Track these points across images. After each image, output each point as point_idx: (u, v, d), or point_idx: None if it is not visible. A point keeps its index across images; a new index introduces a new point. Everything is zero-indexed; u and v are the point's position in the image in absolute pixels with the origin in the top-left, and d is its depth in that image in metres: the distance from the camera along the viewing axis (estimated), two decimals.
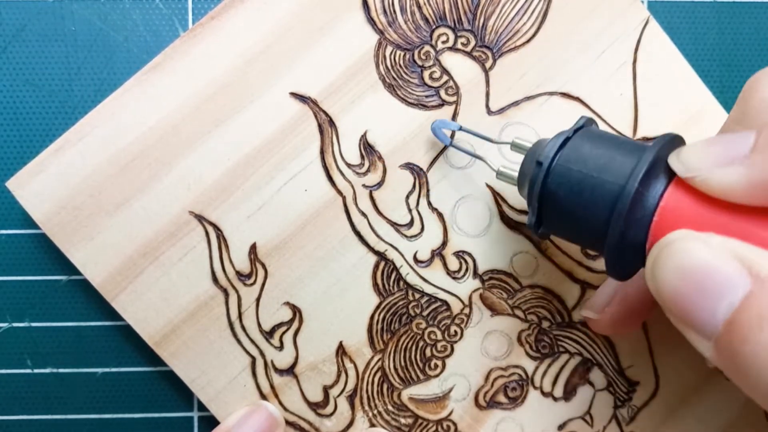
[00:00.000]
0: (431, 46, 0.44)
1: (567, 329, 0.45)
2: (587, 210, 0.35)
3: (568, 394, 0.46)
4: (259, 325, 0.44)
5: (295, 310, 0.44)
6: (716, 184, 0.31)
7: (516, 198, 0.45)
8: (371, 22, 0.44)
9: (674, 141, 0.35)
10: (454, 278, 0.45)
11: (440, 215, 0.44)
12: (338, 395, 0.45)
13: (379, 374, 0.45)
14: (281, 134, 0.43)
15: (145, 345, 0.43)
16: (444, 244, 0.45)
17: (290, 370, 0.44)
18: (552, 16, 0.45)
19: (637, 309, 0.42)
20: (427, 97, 0.44)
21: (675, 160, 0.33)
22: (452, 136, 0.44)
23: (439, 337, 0.45)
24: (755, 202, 0.30)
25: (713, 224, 0.31)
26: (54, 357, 0.47)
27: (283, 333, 0.44)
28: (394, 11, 0.44)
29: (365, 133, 0.44)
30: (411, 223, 0.44)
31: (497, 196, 0.45)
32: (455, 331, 0.45)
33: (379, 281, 0.44)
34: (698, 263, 0.29)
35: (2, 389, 0.47)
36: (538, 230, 0.38)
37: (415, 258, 0.44)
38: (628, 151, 0.35)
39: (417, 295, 0.44)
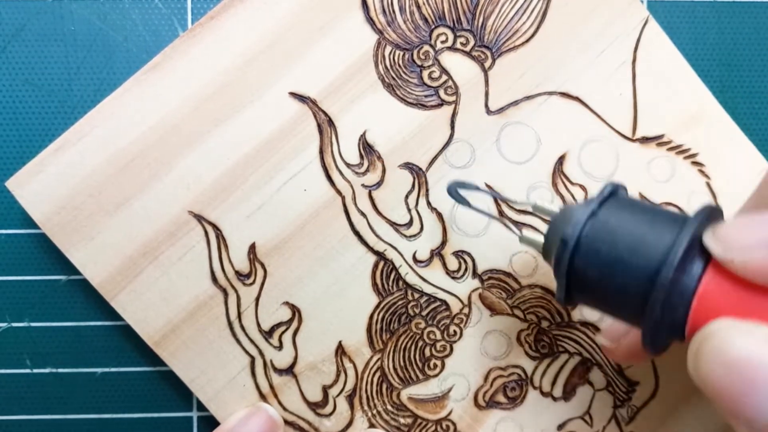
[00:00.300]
0: (430, 45, 0.44)
1: (566, 329, 0.45)
2: (619, 293, 0.33)
3: (568, 393, 0.46)
4: (259, 324, 0.44)
5: (295, 310, 0.44)
6: (757, 268, 0.29)
7: (515, 197, 0.45)
8: (370, 21, 0.44)
9: (711, 215, 0.33)
10: (453, 278, 0.45)
11: (439, 215, 0.44)
12: (337, 395, 0.45)
13: (378, 374, 0.45)
14: (280, 134, 0.43)
15: (145, 345, 0.43)
16: (443, 243, 0.45)
17: (289, 370, 0.44)
18: (551, 16, 0.45)
19: None
20: (426, 96, 0.44)
21: (711, 240, 0.31)
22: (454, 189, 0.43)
23: (439, 336, 0.45)
24: None
25: (756, 310, 0.29)
26: (53, 357, 0.47)
27: (283, 333, 0.44)
28: (393, 11, 0.44)
29: (364, 133, 0.44)
30: (410, 223, 0.44)
31: (497, 196, 0.45)
32: (454, 331, 0.45)
33: (378, 281, 0.44)
34: (744, 356, 0.28)
35: (2, 389, 0.47)
36: (567, 303, 0.37)
37: (414, 258, 0.44)
38: (660, 228, 0.33)
39: (416, 295, 0.44)
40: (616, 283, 0.33)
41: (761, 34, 0.49)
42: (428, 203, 0.44)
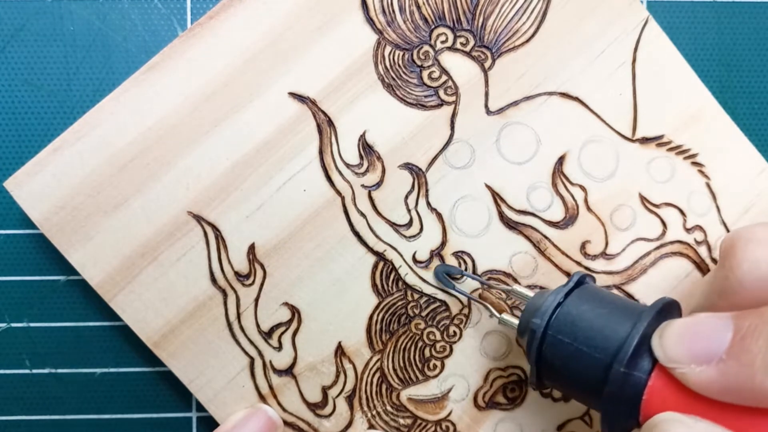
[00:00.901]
0: (430, 45, 0.44)
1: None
2: (581, 381, 0.36)
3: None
4: (258, 325, 0.44)
5: (294, 311, 0.44)
6: (692, 381, 0.32)
7: (515, 198, 0.45)
8: (370, 21, 0.44)
9: (665, 310, 0.36)
10: (453, 278, 0.45)
11: (439, 215, 0.44)
12: (337, 396, 0.44)
13: (378, 375, 0.45)
14: (280, 134, 0.43)
15: (144, 345, 0.43)
16: (443, 244, 0.44)
17: (289, 371, 0.44)
18: (551, 16, 0.45)
19: None
20: (426, 97, 0.44)
21: (657, 345, 0.34)
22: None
23: (438, 337, 0.45)
24: (728, 401, 0.31)
25: (698, 406, 0.32)
26: (52, 357, 0.47)
27: (282, 333, 0.44)
28: (393, 11, 0.44)
29: (364, 133, 0.44)
30: (410, 224, 0.44)
31: (496, 197, 0.45)
32: (454, 332, 0.45)
33: (378, 281, 0.44)
34: None
35: (1, 389, 0.47)
36: (539, 387, 0.40)
37: (414, 258, 0.44)
38: (617, 322, 0.35)
39: (416, 296, 0.44)
40: (577, 372, 0.36)
41: (761, 34, 0.49)
42: (428, 204, 0.44)
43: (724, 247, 0.37)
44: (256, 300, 0.44)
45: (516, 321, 0.41)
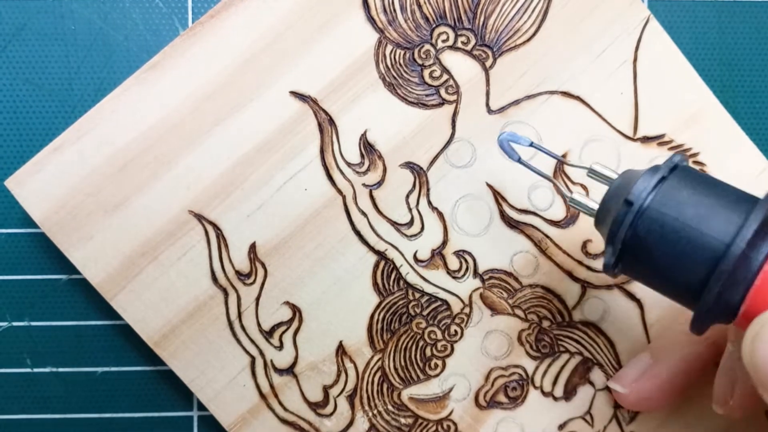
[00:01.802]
0: (431, 44, 0.44)
1: (567, 329, 0.45)
2: (680, 263, 0.33)
3: (569, 393, 0.46)
4: (259, 324, 0.44)
5: (295, 310, 0.44)
6: None
7: (516, 197, 0.45)
8: (371, 20, 0.44)
9: None
10: (454, 278, 0.45)
11: (440, 214, 0.44)
12: (338, 395, 0.44)
13: (379, 374, 0.45)
14: (281, 133, 0.43)
15: (145, 344, 0.43)
16: (444, 243, 0.44)
17: (290, 370, 0.44)
18: (552, 15, 0.45)
19: (668, 388, 0.42)
20: (427, 96, 0.44)
21: None
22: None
23: (439, 336, 0.45)
24: None
25: None
26: (53, 356, 0.47)
27: (283, 332, 0.44)
28: (394, 10, 0.44)
29: (365, 132, 0.44)
30: (411, 223, 0.44)
31: (497, 195, 0.45)
32: (455, 331, 0.45)
33: (379, 280, 0.44)
34: None
35: (2, 388, 0.47)
36: (614, 271, 0.36)
37: (415, 257, 0.44)
38: (732, 203, 0.32)
39: (417, 295, 0.44)
40: (678, 252, 0.32)
41: (762, 33, 0.49)
42: (429, 203, 0.44)
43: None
44: (257, 299, 0.44)
45: (593, 204, 0.37)
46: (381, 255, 0.44)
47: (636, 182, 0.34)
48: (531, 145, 0.40)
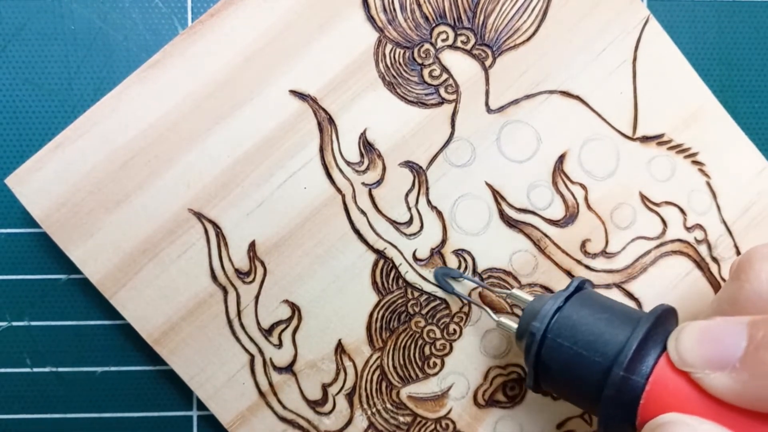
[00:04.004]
0: (431, 44, 0.44)
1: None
2: (579, 385, 0.37)
3: None
4: (258, 323, 0.44)
5: (294, 308, 0.44)
6: (708, 386, 0.32)
7: (515, 196, 0.45)
8: (371, 19, 0.44)
9: (663, 316, 0.36)
10: (453, 280, 0.45)
11: (440, 213, 0.44)
12: (337, 393, 0.44)
13: (378, 372, 0.45)
14: (281, 132, 0.43)
15: (145, 344, 0.43)
16: (443, 242, 0.45)
17: (289, 368, 0.44)
18: (552, 15, 0.45)
19: None
20: (426, 95, 0.44)
21: (672, 348, 0.34)
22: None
23: (438, 335, 0.45)
24: (744, 406, 0.31)
25: (701, 406, 0.32)
26: (53, 356, 0.47)
27: (282, 331, 0.44)
28: (394, 9, 0.44)
29: (365, 131, 0.44)
30: (410, 221, 0.44)
31: (497, 195, 0.45)
32: (454, 330, 0.45)
33: (378, 279, 0.44)
34: None
35: (2, 388, 0.47)
36: (537, 390, 0.40)
37: (414, 256, 0.44)
38: (617, 327, 0.36)
39: (416, 293, 0.44)
40: (575, 376, 0.36)
41: (761, 33, 0.49)
42: (428, 201, 0.44)
43: (741, 260, 0.36)
44: (257, 297, 0.44)
45: (515, 325, 0.41)
46: (380, 254, 0.44)
47: (539, 312, 0.38)
48: (462, 277, 0.45)
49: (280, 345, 0.44)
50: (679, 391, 0.33)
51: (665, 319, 0.36)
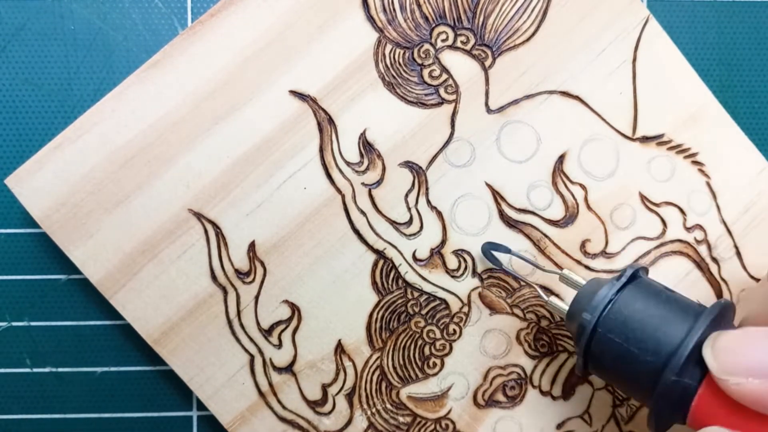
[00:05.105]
0: (431, 44, 0.44)
1: (566, 328, 0.45)
2: (629, 379, 0.37)
3: (567, 393, 0.46)
4: (258, 323, 0.44)
5: (294, 308, 0.44)
6: (749, 394, 0.31)
7: (515, 196, 0.45)
8: (371, 20, 0.44)
9: (722, 314, 0.35)
10: (453, 277, 0.45)
11: (439, 213, 0.44)
12: (337, 393, 0.44)
13: (377, 373, 0.45)
14: (280, 132, 0.43)
15: (145, 344, 0.43)
16: (443, 242, 0.45)
17: (289, 369, 0.44)
18: (552, 15, 0.45)
19: None
20: (426, 95, 0.44)
21: (709, 356, 0.33)
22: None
23: (438, 335, 0.45)
24: None
25: (744, 422, 0.32)
26: (53, 356, 0.47)
27: (282, 331, 0.44)
28: (394, 9, 0.44)
29: (364, 131, 0.44)
30: (410, 222, 0.44)
31: (496, 195, 0.45)
32: (454, 330, 0.45)
33: (378, 279, 0.44)
34: None
35: (2, 388, 0.47)
36: (585, 374, 0.41)
37: (414, 256, 0.44)
38: (671, 326, 0.35)
39: (416, 294, 0.44)
40: (626, 371, 0.36)
41: (761, 33, 0.49)
42: (428, 202, 0.44)
43: None
44: (257, 298, 0.44)
45: (565, 306, 0.40)
46: (380, 254, 0.44)
47: (590, 302, 0.37)
48: (510, 252, 0.44)
49: (279, 345, 0.44)
50: (725, 403, 0.32)
51: (724, 315, 0.36)
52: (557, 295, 0.45)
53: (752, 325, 0.36)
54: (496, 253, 0.44)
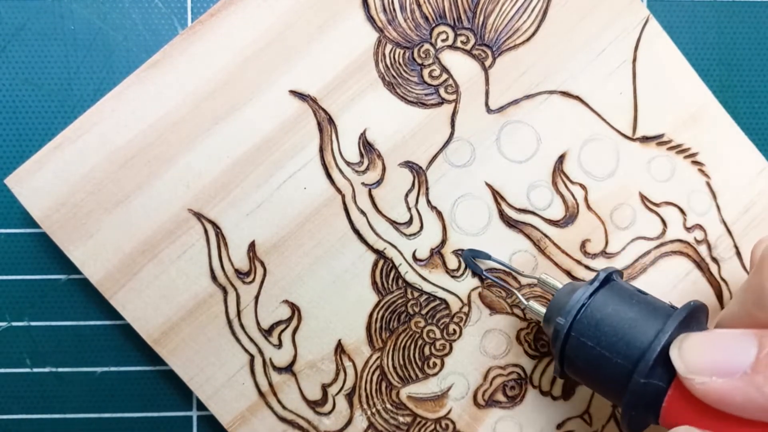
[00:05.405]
0: (431, 44, 0.44)
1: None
2: (602, 382, 0.37)
3: (567, 393, 0.46)
4: (258, 323, 0.44)
5: (294, 308, 0.44)
6: (712, 392, 0.31)
7: (515, 196, 0.45)
8: (371, 20, 0.44)
9: (693, 315, 0.36)
10: (453, 277, 0.45)
11: (439, 213, 0.44)
12: (337, 393, 0.44)
13: (377, 373, 0.45)
14: (280, 132, 0.43)
15: (145, 344, 0.43)
16: (443, 242, 0.45)
17: (289, 369, 0.44)
18: (552, 15, 0.45)
19: None
20: (426, 95, 0.44)
21: (676, 356, 0.33)
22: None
23: (438, 335, 0.45)
24: (746, 415, 0.31)
25: (713, 421, 0.32)
26: (53, 356, 0.47)
27: (282, 331, 0.44)
28: (394, 9, 0.44)
29: (364, 131, 0.44)
30: (410, 222, 0.44)
31: (496, 195, 0.45)
32: (454, 330, 0.45)
33: (378, 279, 0.44)
34: None
35: (2, 388, 0.47)
36: (562, 377, 0.40)
37: (414, 256, 0.44)
38: (642, 327, 0.36)
39: (416, 294, 0.44)
40: (599, 374, 0.37)
41: (761, 33, 0.49)
42: (428, 202, 0.44)
43: (761, 254, 0.35)
44: (257, 298, 0.44)
45: (543, 309, 0.41)
46: (380, 254, 0.44)
47: (564, 306, 0.38)
48: (490, 258, 0.45)
49: (279, 345, 0.44)
50: (694, 404, 0.33)
51: (695, 316, 0.36)
52: None
53: (727, 325, 0.37)
54: (476, 261, 0.45)
